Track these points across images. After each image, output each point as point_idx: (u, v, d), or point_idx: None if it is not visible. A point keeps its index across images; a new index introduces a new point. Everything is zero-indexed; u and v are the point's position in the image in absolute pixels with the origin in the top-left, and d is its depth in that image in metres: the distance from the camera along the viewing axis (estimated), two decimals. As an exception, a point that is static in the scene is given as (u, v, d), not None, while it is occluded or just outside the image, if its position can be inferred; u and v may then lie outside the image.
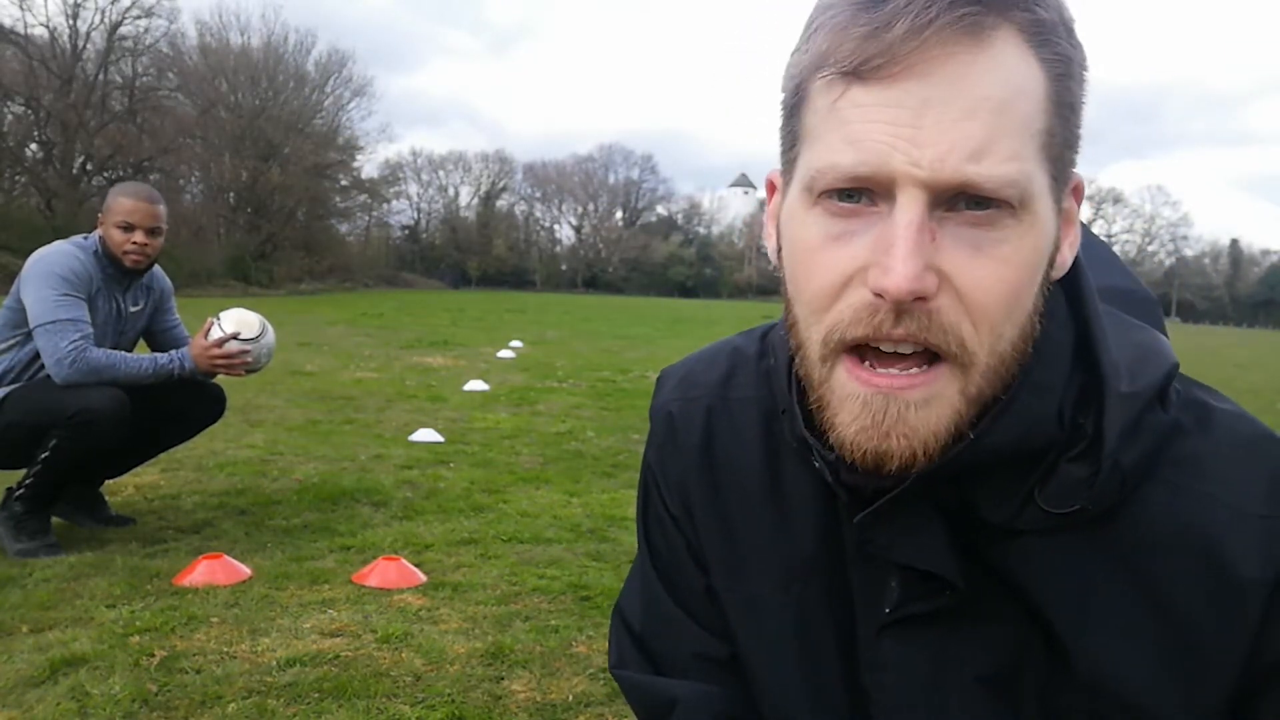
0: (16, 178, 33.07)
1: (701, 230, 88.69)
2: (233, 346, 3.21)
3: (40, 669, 2.15)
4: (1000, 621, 0.68)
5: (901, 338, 0.60)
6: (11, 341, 3.14)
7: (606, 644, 2.44)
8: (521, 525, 3.61)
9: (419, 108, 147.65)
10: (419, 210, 78.24)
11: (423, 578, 2.91)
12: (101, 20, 34.04)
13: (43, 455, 3.05)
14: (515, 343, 13.78)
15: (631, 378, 9.76)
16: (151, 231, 3.23)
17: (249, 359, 3.27)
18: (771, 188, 0.71)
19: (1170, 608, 0.64)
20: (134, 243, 3.20)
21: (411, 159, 78.93)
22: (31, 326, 3.04)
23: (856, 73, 0.58)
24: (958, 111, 0.57)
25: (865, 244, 0.60)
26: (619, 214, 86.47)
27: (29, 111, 32.74)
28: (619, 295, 67.23)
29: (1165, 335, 0.70)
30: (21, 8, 36.87)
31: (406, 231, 76.42)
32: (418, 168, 78.64)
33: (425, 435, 5.51)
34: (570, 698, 2.13)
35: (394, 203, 70.51)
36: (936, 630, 0.69)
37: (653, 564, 0.85)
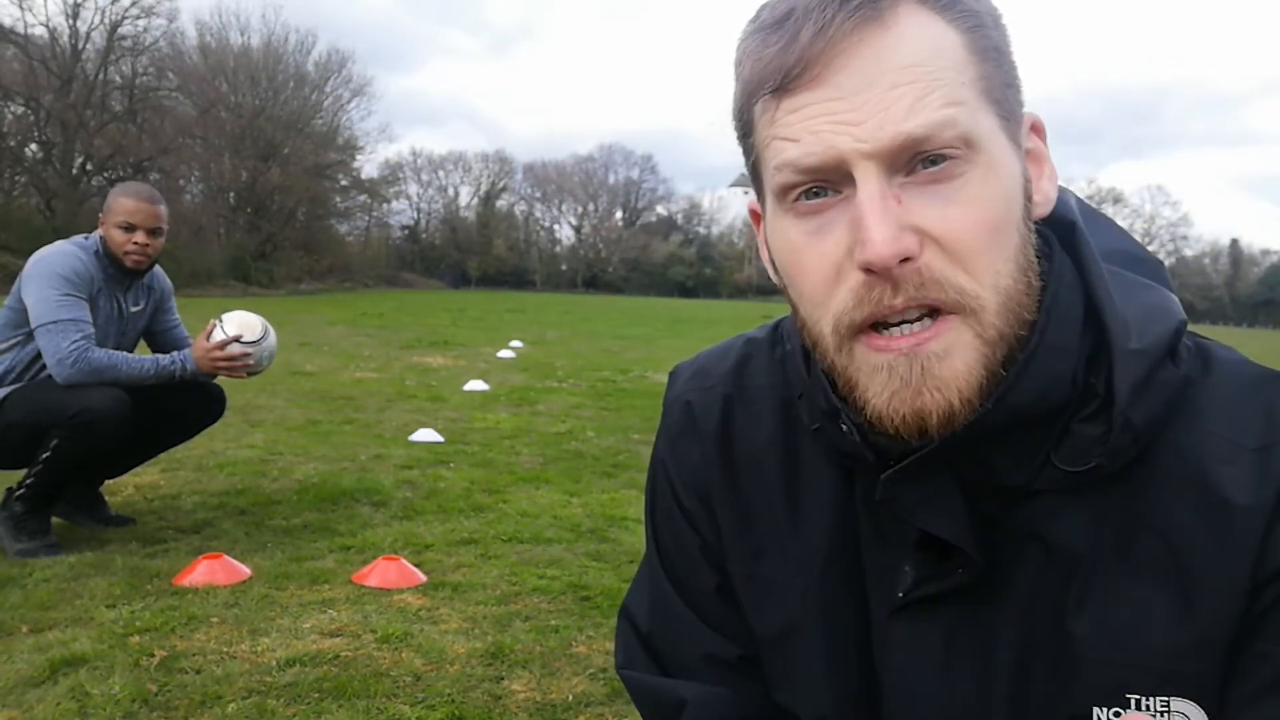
0: (16, 178, 33.06)
1: (701, 230, 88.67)
2: (235, 349, 3.21)
3: (40, 669, 2.15)
4: (1010, 601, 0.69)
5: (903, 306, 0.62)
6: (12, 341, 3.14)
7: (606, 644, 2.45)
8: (521, 525, 3.61)
9: (419, 108, 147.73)
10: (419, 210, 78.21)
11: (423, 578, 2.91)
12: (101, 20, 34.03)
13: (43, 455, 3.04)
14: (515, 343, 13.78)
15: (631, 378, 9.76)
16: (152, 232, 3.23)
17: (250, 361, 3.27)
18: (756, 217, 0.74)
19: (1177, 548, 0.65)
20: (135, 243, 3.20)
21: (411, 159, 78.85)
22: (33, 326, 3.04)
23: (784, 88, 0.62)
24: (884, 84, 0.60)
25: (843, 230, 0.63)
26: (619, 214, 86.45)
27: (29, 111, 32.72)
28: (619, 295, 67.23)
29: (1173, 293, 0.72)
30: (21, 8, 36.87)
31: (406, 231, 76.39)
32: (418, 168, 78.61)
33: (425, 435, 5.51)
34: (570, 698, 2.13)
35: (394, 203, 70.47)
36: (947, 612, 0.70)
37: (661, 563, 0.84)
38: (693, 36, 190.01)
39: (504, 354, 11.92)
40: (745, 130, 0.68)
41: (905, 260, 0.60)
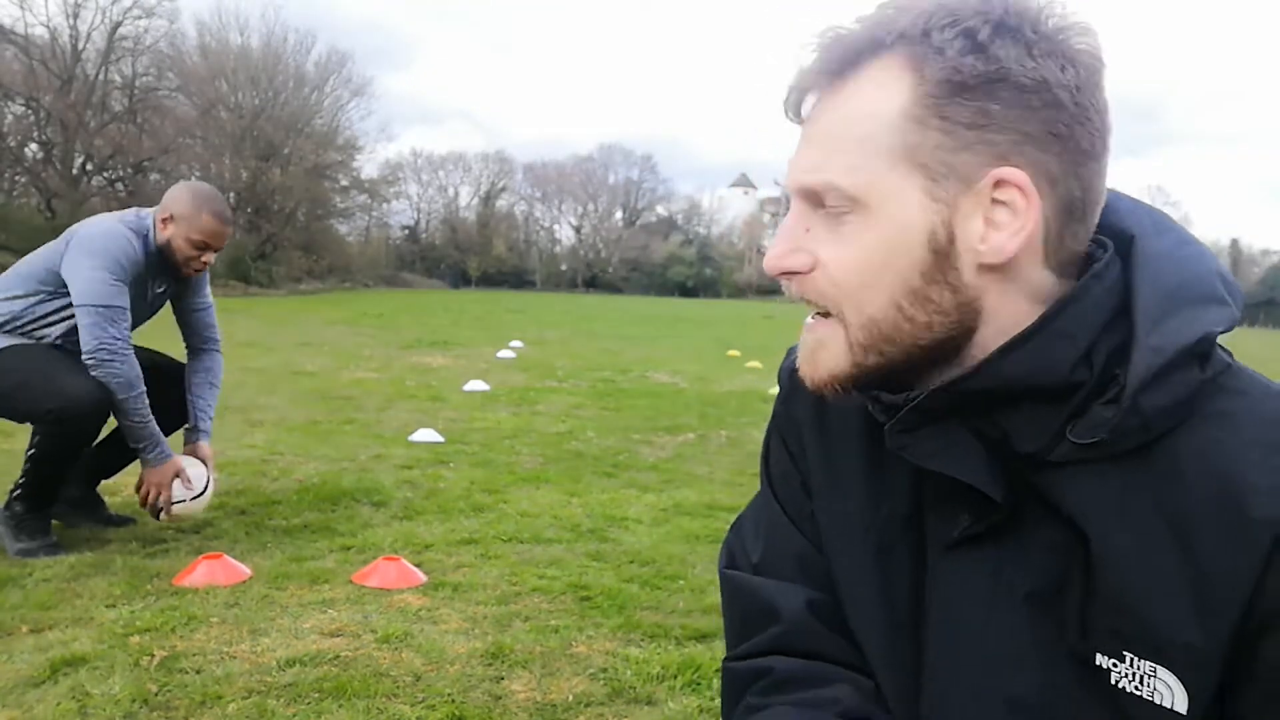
0: (16, 178, 33.08)
1: (701, 230, 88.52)
2: (178, 500, 3.18)
3: (40, 669, 2.15)
4: (1046, 544, 0.76)
5: (798, 299, 0.80)
6: (31, 295, 3.08)
7: (607, 644, 2.46)
8: (521, 525, 3.62)
9: (418, 108, 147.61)
10: (419, 210, 78.17)
11: (423, 578, 2.91)
12: (102, 20, 34.04)
13: (30, 452, 3.05)
14: (515, 343, 13.78)
15: (631, 378, 9.76)
16: (218, 250, 3.23)
17: (175, 509, 3.21)
18: None
19: (1190, 540, 0.69)
20: (203, 261, 3.20)
21: (411, 159, 78.82)
22: (79, 302, 2.99)
23: (787, 115, 0.81)
24: (807, 141, 0.78)
25: None
26: (619, 214, 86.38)
27: (29, 111, 32.73)
28: (619, 295, 67.19)
29: (1231, 313, 0.76)
30: (21, 7, 36.69)
31: (406, 231, 76.35)
32: (417, 168, 78.57)
33: (425, 435, 5.51)
34: (570, 698, 2.13)
35: (394, 203, 70.42)
36: (991, 551, 0.78)
37: (770, 488, 0.99)
38: (693, 37, 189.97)
39: (504, 354, 11.92)
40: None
41: (792, 273, 0.78)
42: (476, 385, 8.21)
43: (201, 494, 3.27)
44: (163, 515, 3.20)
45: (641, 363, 11.51)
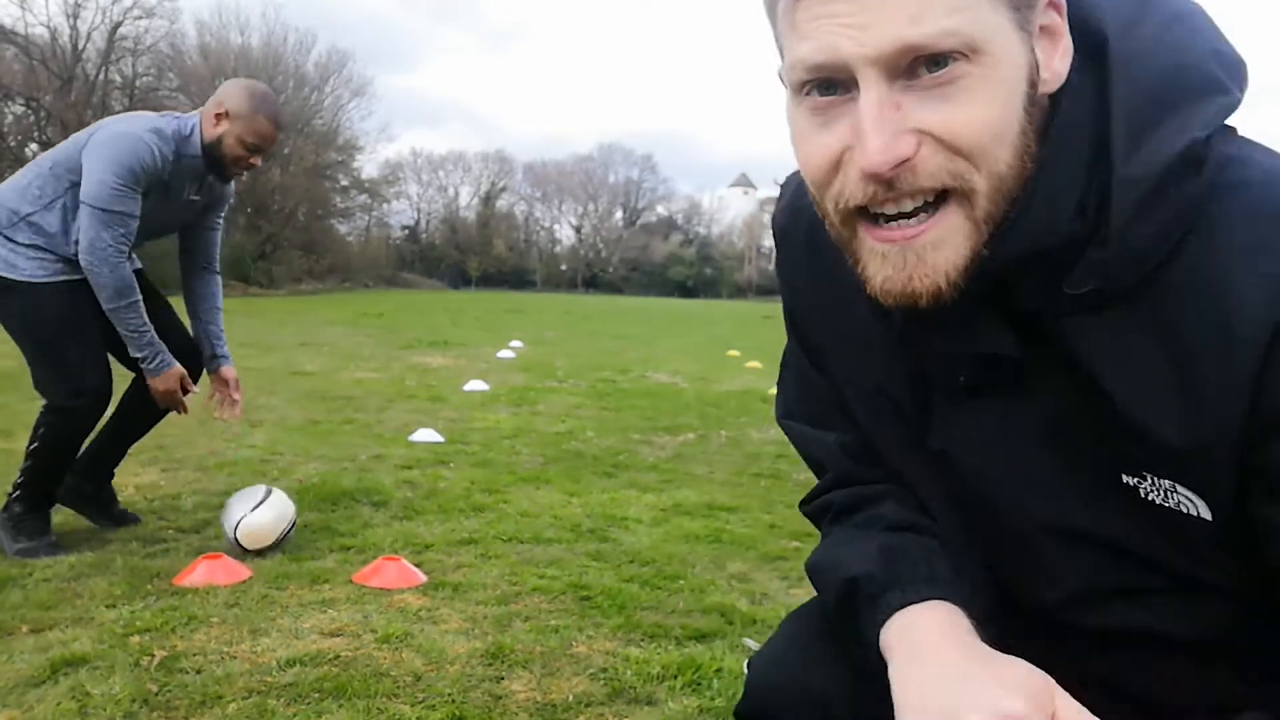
0: (16, 178, 32.95)
1: (701, 230, 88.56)
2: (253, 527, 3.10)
3: (40, 669, 2.15)
4: (1053, 386, 0.76)
5: (899, 199, 0.68)
6: (66, 195, 3.03)
7: (607, 644, 2.46)
8: (521, 525, 3.61)
9: (418, 107, 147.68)
10: (419, 210, 78.22)
11: (423, 578, 2.91)
12: (102, 20, 34.06)
13: (31, 446, 3.05)
14: (515, 343, 13.77)
15: (631, 378, 9.76)
16: (267, 154, 3.19)
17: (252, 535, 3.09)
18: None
19: (1187, 360, 0.68)
20: (251, 163, 3.16)
21: (411, 159, 78.98)
22: (83, 199, 2.96)
23: None
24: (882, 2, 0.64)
25: (845, 128, 0.68)
26: (619, 214, 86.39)
27: (29, 111, 32.73)
28: (619, 295, 67.17)
29: (1234, 94, 0.71)
30: (21, 7, 36.90)
31: (406, 231, 76.38)
32: (417, 168, 78.62)
33: (425, 435, 5.51)
34: (570, 698, 2.13)
35: (394, 203, 70.51)
36: (1001, 395, 0.79)
37: (794, 339, 1.01)
38: (692, 36, 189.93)
39: (504, 354, 11.92)
40: (773, 18, 0.72)
41: (901, 163, 0.66)
42: (476, 385, 8.21)
43: (270, 494, 3.21)
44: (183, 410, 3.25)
45: (641, 363, 11.51)
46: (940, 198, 0.68)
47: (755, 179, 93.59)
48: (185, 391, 3.22)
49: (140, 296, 3.06)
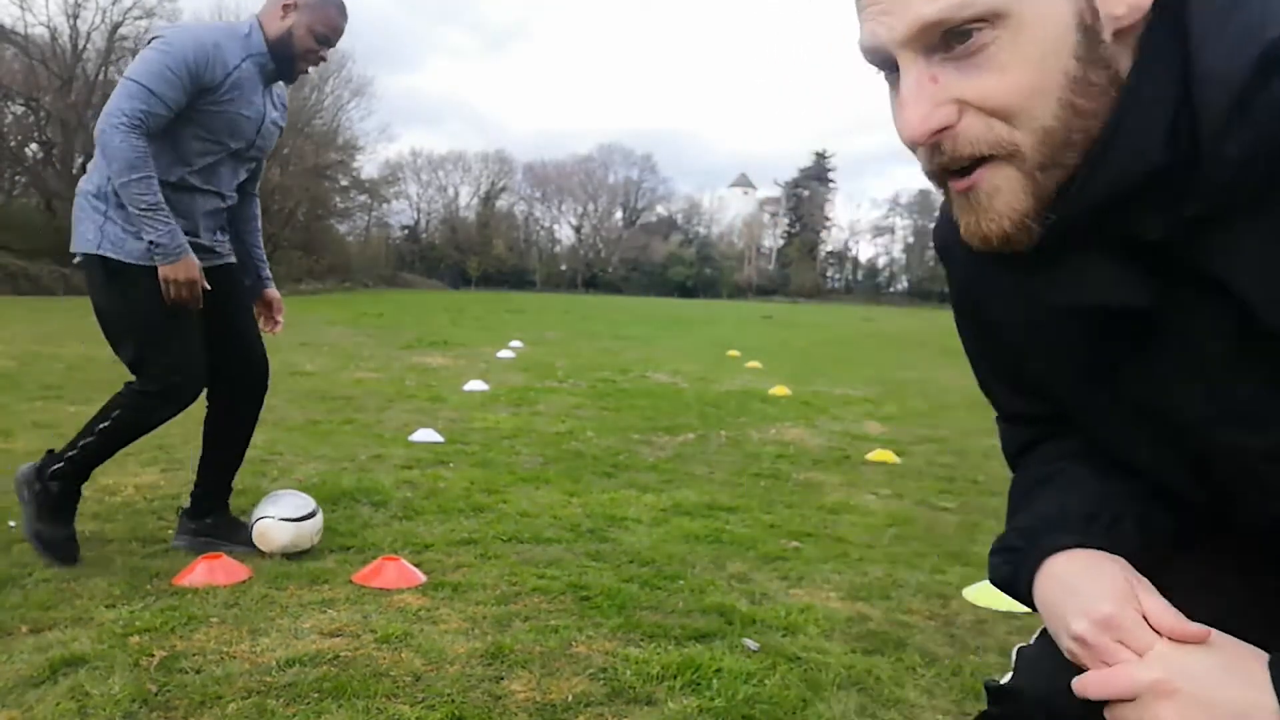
0: (16, 178, 33.09)
1: (701, 230, 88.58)
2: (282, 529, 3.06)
3: (40, 669, 2.15)
4: (1209, 314, 0.75)
5: (948, 163, 0.73)
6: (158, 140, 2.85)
7: (606, 644, 2.46)
8: (521, 525, 3.62)
9: (418, 107, 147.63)
10: (419, 210, 78.28)
11: (423, 578, 2.91)
12: (102, 20, 34.07)
13: (100, 425, 2.90)
14: (515, 343, 13.78)
15: (631, 378, 9.76)
16: (332, 47, 3.14)
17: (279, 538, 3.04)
18: None
19: None
20: (321, 56, 3.08)
21: (411, 159, 78.97)
22: (124, 75, 2.83)
23: None
24: None
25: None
26: (619, 214, 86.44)
27: (29, 111, 32.75)
28: (619, 295, 67.17)
29: None
30: (21, 8, 36.94)
31: (406, 231, 76.44)
32: (417, 168, 78.67)
33: (425, 435, 5.51)
34: (570, 698, 2.13)
35: (394, 203, 70.54)
36: (1168, 332, 0.78)
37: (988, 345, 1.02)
38: (692, 36, 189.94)
39: (504, 354, 11.92)
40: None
41: (941, 130, 0.71)
42: (476, 385, 8.21)
43: (311, 516, 3.13)
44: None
45: (641, 363, 11.51)
46: (984, 161, 0.72)
47: (755, 179, 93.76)
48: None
49: (153, 173, 2.79)
